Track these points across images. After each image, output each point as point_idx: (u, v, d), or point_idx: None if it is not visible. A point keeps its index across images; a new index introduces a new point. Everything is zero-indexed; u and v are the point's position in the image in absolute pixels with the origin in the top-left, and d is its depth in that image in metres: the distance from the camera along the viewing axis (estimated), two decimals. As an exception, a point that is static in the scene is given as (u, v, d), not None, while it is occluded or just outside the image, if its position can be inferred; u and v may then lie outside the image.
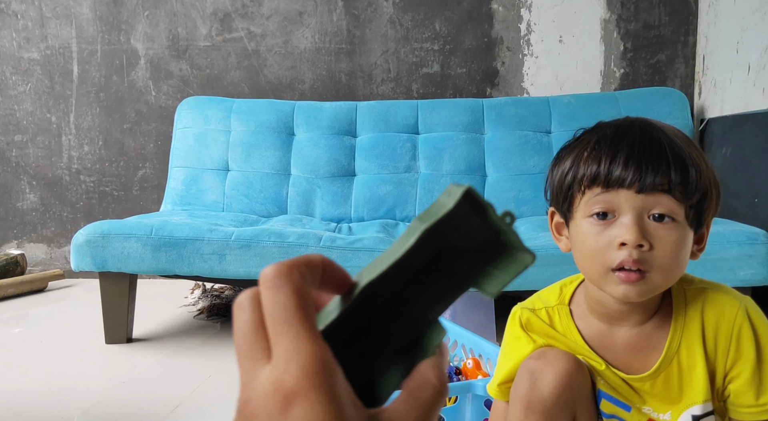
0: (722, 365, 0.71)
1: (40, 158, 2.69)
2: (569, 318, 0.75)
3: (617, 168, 0.65)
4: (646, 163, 0.64)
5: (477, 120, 2.25)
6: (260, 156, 2.25)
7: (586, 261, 0.69)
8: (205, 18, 2.60)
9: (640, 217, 0.65)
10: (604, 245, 0.66)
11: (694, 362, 0.71)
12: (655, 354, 0.72)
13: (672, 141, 0.67)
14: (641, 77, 2.47)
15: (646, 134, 0.67)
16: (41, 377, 1.53)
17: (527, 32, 2.50)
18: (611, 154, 0.66)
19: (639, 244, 0.64)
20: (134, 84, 2.63)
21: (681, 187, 0.65)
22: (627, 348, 0.72)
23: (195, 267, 1.69)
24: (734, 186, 1.95)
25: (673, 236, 0.65)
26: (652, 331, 0.72)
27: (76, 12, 2.63)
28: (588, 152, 0.69)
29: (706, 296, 0.72)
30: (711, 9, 2.28)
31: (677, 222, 0.65)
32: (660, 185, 0.64)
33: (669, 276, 0.66)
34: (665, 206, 0.65)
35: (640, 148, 0.66)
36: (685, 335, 0.71)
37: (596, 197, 0.67)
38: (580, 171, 0.68)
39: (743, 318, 0.70)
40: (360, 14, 2.55)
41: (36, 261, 2.72)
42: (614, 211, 0.66)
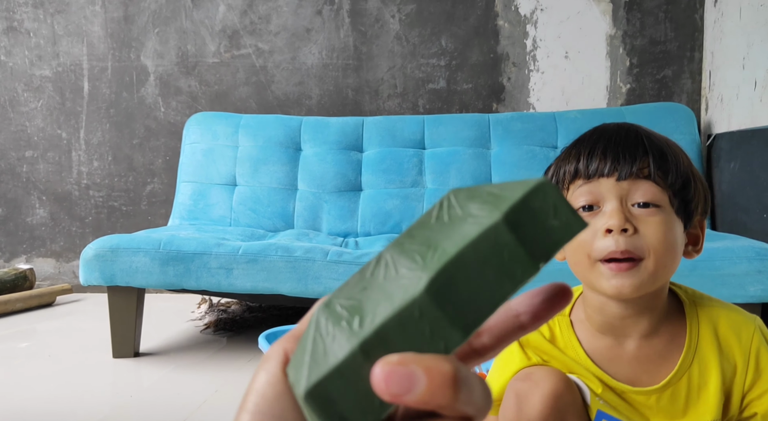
0: (740, 386, 0.69)
1: (51, 174, 2.71)
2: (570, 330, 0.73)
3: (595, 160, 0.67)
4: (623, 152, 0.66)
5: (483, 135, 2.26)
6: (267, 171, 2.27)
7: (575, 256, 0.68)
8: (214, 35, 2.63)
9: (623, 203, 0.66)
10: (590, 235, 0.66)
11: (706, 380, 0.69)
12: (666, 368, 0.70)
13: (649, 134, 0.69)
14: (647, 92, 2.47)
15: (623, 129, 0.69)
16: (49, 392, 1.53)
17: (533, 48, 2.52)
18: (589, 147, 0.68)
19: (624, 228, 0.64)
20: (144, 100, 2.66)
21: (660, 173, 0.65)
22: (635, 361, 0.71)
23: (202, 281, 1.69)
24: (743, 201, 1.94)
25: (657, 219, 0.65)
26: (663, 344, 0.70)
27: (87, 30, 2.67)
28: (568, 152, 0.71)
29: (719, 314, 0.71)
30: (716, 25, 2.29)
31: (661, 207, 0.65)
32: (639, 171, 0.65)
33: (661, 262, 0.65)
34: (647, 192, 0.65)
35: (616, 139, 0.68)
36: (699, 351, 0.69)
37: (579, 189, 0.68)
38: (562, 170, 0.70)
39: (760, 339, 0.69)
40: (367, 30, 2.58)
41: (44, 276, 2.73)
42: (598, 202, 0.67)
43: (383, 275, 0.24)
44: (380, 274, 0.24)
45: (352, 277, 0.26)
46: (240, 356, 1.81)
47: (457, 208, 0.24)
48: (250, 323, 2.20)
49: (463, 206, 0.24)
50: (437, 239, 0.23)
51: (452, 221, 0.24)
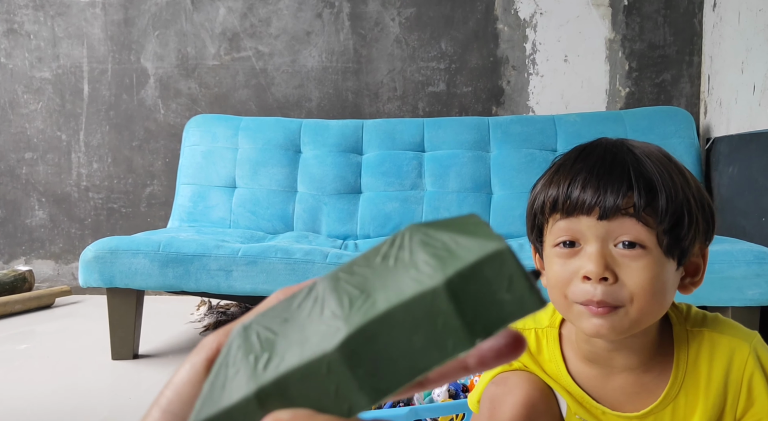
0: (731, 414, 0.66)
1: (50, 175, 2.71)
2: (556, 344, 0.70)
3: (575, 191, 0.60)
4: (605, 185, 0.59)
5: (483, 138, 2.27)
6: (267, 173, 2.27)
7: (553, 293, 0.63)
8: (214, 38, 2.64)
9: (604, 246, 0.59)
10: (568, 275, 0.61)
11: (691, 411, 0.66)
12: (650, 398, 0.66)
13: (639, 160, 0.61)
14: (646, 96, 2.48)
15: (609, 155, 0.62)
16: (47, 394, 1.53)
17: (533, 52, 2.52)
18: (570, 177, 0.61)
19: (603, 277, 0.58)
20: (144, 102, 2.67)
21: (649, 210, 0.58)
22: (620, 390, 0.67)
23: (202, 283, 1.69)
24: (741, 205, 1.95)
25: (642, 264, 0.58)
26: (650, 378, 0.66)
27: (87, 32, 2.67)
28: (550, 177, 0.64)
29: (713, 340, 0.66)
30: (715, 29, 2.30)
31: (648, 248, 0.59)
32: (623, 209, 0.58)
33: (645, 310, 0.59)
34: (632, 232, 0.59)
35: (600, 169, 0.60)
36: (686, 382, 0.66)
37: (558, 224, 0.62)
38: (541, 197, 0.64)
39: (754, 364, 0.65)
40: (367, 34, 2.58)
41: (43, 277, 2.73)
42: (579, 239, 0.61)
43: (309, 310, 0.22)
44: (306, 308, 0.22)
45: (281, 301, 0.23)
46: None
47: (406, 251, 0.22)
48: (249, 326, 2.19)
49: (413, 252, 0.22)
50: (374, 284, 0.21)
51: (396, 267, 0.22)
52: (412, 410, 0.94)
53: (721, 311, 1.53)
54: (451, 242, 0.21)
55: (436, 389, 1.14)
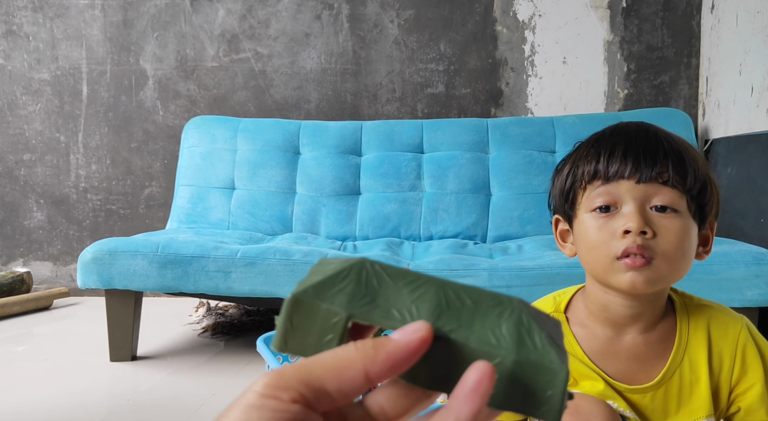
0: (727, 382, 0.71)
1: (48, 177, 2.71)
2: (566, 326, 0.74)
3: (615, 161, 0.67)
4: (644, 155, 0.66)
5: (482, 139, 2.27)
6: (266, 175, 2.27)
7: (591, 254, 0.69)
8: (213, 39, 2.64)
9: (642, 206, 0.66)
10: (608, 235, 0.67)
11: (697, 377, 0.70)
12: (659, 365, 0.71)
13: (669, 136, 0.69)
14: (645, 98, 2.48)
15: (642, 130, 0.69)
16: (45, 395, 1.52)
17: (531, 53, 2.53)
18: (609, 148, 0.68)
19: (642, 231, 0.64)
20: (142, 104, 2.67)
21: (679, 178, 0.66)
22: (632, 358, 0.72)
23: (200, 285, 1.69)
24: (740, 206, 1.95)
25: (676, 225, 0.65)
26: (657, 341, 0.72)
27: (86, 34, 2.67)
28: (587, 151, 0.71)
29: (710, 312, 0.73)
30: (713, 31, 2.31)
31: (679, 213, 0.66)
32: (659, 175, 0.66)
33: (675, 266, 0.66)
34: (666, 197, 0.66)
35: (636, 141, 0.67)
36: (689, 348, 0.71)
37: (597, 190, 0.68)
38: (580, 169, 0.70)
39: (747, 336, 0.72)
40: (365, 35, 2.59)
41: (42, 279, 2.73)
42: (616, 203, 0.67)
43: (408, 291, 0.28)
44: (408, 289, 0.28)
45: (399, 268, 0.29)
46: (238, 360, 1.81)
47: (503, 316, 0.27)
48: (248, 327, 2.19)
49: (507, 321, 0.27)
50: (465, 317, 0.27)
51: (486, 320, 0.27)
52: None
53: (720, 312, 1.54)
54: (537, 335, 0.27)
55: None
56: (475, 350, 0.26)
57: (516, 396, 0.26)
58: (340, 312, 0.27)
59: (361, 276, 0.28)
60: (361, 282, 0.28)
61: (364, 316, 0.27)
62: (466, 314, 0.27)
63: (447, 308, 0.27)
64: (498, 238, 2.14)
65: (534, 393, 0.26)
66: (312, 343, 0.27)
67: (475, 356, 0.26)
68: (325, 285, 0.28)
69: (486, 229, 2.17)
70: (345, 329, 0.27)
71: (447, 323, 0.27)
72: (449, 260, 1.66)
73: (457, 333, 0.26)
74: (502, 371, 0.26)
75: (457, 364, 0.26)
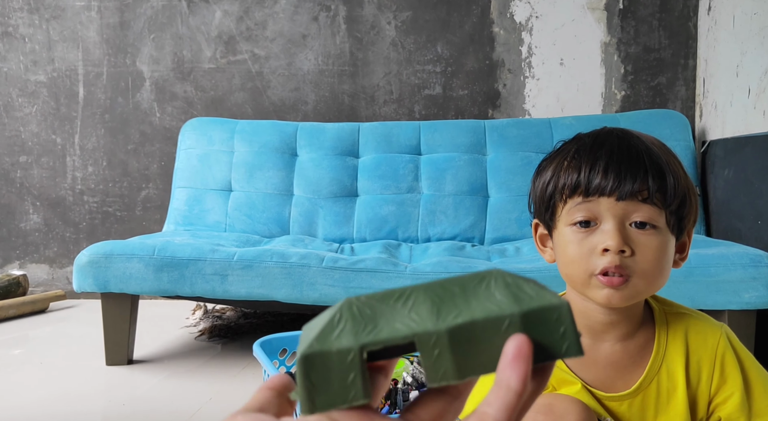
0: (705, 391, 0.71)
1: (45, 179, 2.70)
2: None
3: (597, 177, 0.67)
4: (625, 171, 0.66)
5: (479, 141, 2.26)
6: (263, 177, 2.26)
7: (569, 268, 0.69)
8: (210, 41, 2.63)
9: (621, 223, 0.66)
10: (587, 251, 0.67)
11: (674, 385, 0.70)
12: (637, 373, 0.72)
13: (649, 149, 0.68)
14: (642, 99, 2.48)
15: (624, 143, 0.69)
16: (41, 399, 1.52)
17: (528, 55, 2.53)
18: (590, 162, 0.68)
19: (621, 249, 0.65)
20: (139, 105, 2.66)
21: (659, 195, 0.66)
22: (609, 365, 0.72)
23: (197, 288, 1.69)
24: (737, 208, 1.95)
25: (654, 243, 0.66)
26: (635, 349, 0.72)
27: (83, 35, 2.67)
28: (568, 162, 0.70)
29: (688, 321, 0.73)
30: (710, 33, 2.31)
31: (658, 228, 0.66)
32: (639, 193, 0.66)
33: (652, 282, 0.67)
34: (645, 213, 0.66)
35: (618, 156, 0.67)
36: (666, 356, 0.71)
37: (577, 206, 0.68)
38: (561, 180, 0.70)
39: (726, 344, 0.71)
40: (363, 37, 2.58)
41: (38, 282, 2.72)
42: (596, 219, 0.67)
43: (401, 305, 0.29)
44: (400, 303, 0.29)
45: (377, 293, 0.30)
46: (235, 363, 1.80)
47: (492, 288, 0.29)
48: (245, 330, 2.19)
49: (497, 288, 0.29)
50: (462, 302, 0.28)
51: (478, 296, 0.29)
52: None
53: (717, 314, 1.53)
54: (526, 288, 0.29)
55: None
56: (484, 322, 0.27)
57: (540, 347, 0.27)
58: (352, 347, 0.27)
59: (353, 312, 0.29)
60: (356, 317, 0.29)
61: (375, 342, 0.27)
62: (460, 299, 0.28)
63: (441, 303, 0.28)
64: (496, 240, 2.13)
65: (551, 336, 0.27)
66: (337, 391, 0.27)
67: (485, 329, 0.27)
68: (326, 333, 0.28)
69: (484, 231, 2.16)
70: (363, 363, 0.27)
71: (449, 313, 0.28)
72: (447, 263, 1.66)
73: (462, 316, 0.27)
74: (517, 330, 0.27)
75: (474, 345, 0.27)
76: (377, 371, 0.30)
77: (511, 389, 0.26)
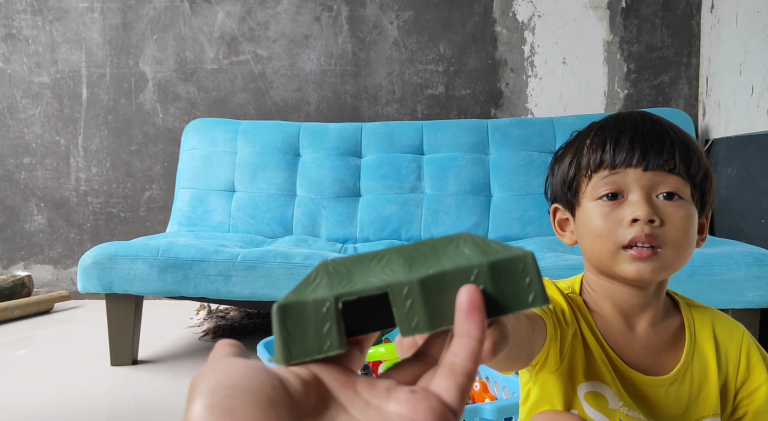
0: (732, 383, 0.71)
1: (48, 180, 2.71)
2: (585, 308, 0.73)
3: (622, 150, 0.66)
4: (651, 143, 0.66)
5: (482, 141, 2.26)
6: (266, 177, 2.27)
7: (596, 242, 0.68)
8: (213, 42, 2.63)
9: (649, 194, 0.66)
10: (614, 223, 0.66)
11: (705, 376, 0.70)
12: (672, 360, 0.71)
13: (672, 125, 0.69)
14: (645, 98, 2.48)
15: (647, 119, 0.69)
16: (46, 399, 1.52)
17: (531, 54, 2.52)
18: (615, 137, 0.68)
19: (650, 219, 0.64)
20: (142, 106, 2.67)
21: (684, 166, 0.66)
22: (644, 349, 0.71)
23: (201, 288, 1.69)
24: (740, 206, 1.95)
25: (682, 213, 0.66)
26: (667, 334, 0.72)
27: (86, 37, 2.67)
28: (591, 140, 0.70)
29: (713, 314, 0.74)
30: (713, 31, 2.30)
31: (684, 200, 0.66)
32: (665, 163, 0.66)
33: (680, 253, 0.66)
34: (672, 184, 0.66)
35: (643, 130, 0.67)
36: (697, 345, 0.71)
37: (603, 179, 0.67)
38: (584, 159, 0.69)
39: (750, 339, 0.72)
40: (365, 37, 2.58)
41: (42, 282, 2.73)
42: (622, 191, 0.67)
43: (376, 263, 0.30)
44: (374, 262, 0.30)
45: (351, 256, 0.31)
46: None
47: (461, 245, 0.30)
48: (249, 330, 2.19)
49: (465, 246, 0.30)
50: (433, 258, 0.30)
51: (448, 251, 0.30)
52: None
53: (721, 313, 1.53)
54: (493, 245, 0.30)
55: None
56: (454, 273, 0.28)
57: (506, 298, 0.28)
58: (327, 297, 0.28)
59: (329, 271, 0.30)
60: (332, 274, 0.30)
61: (350, 292, 0.28)
62: (431, 256, 0.30)
63: (413, 260, 0.29)
64: (498, 239, 2.13)
65: (517, 287, 0.28)
66: (313, 340, 0.28)
67: (455, 279, 0.28)
68: (302, 287, 0.29)
69: (486, 230, 2.16)
70: (338, 314, 0.28)
71: (420, 266, 0.29)
72: (450, 263, 1.65)
73: (433, 268, 0.28)
74: (485, 281, 0.28)
75: (445, 295, 0.28)
76: (353, 344, 0.30)
77: (473, 338, 0.27)
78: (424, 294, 0.28)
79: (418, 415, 0.25)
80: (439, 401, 0.26)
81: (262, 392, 0.24)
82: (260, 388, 0.24)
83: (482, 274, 0.28)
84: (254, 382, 0.25)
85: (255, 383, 0.25)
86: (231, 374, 0.25)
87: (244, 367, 0.25)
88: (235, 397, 0.24)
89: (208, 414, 0.23)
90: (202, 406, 0.24)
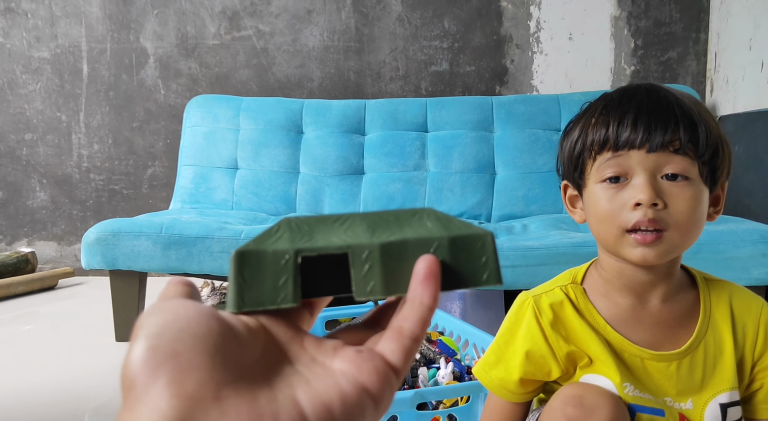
0: (750, 356, 0.71)
1: (50, 157, 2.70)
2: (585, 297, 0.73)
3: (625, 130, 0.65)
4: (655, 123, 0.64)
5: (486, 118, 2.24)
6: (269, 154, 2.25)
7: (601, 225, 0.68)
8: (214, 16, 2.60)
9: (653, 176, 0.64)
10: (618, 207, 0.65)
11: (721, 349, 0.70)
12: (685, 334, 0.71)
13: (679, 100, 0.66)
14: (652, 74, 2.45)
15: (653, 95, 0.67)
16: (51, 375, 1.53)
17: (537, 30, 2.49)
18: (618, 116, 0.66)
19: (653, 202, 0.63)
20: (143, 83, 2.64)
21: (691, 146, 0.64)
22: (656, 325, 0.71)
23: (204, 265, 1.69)
24: (747, 184, 1.93)
25: (687, 194, 0.64)
26: (680, 309, 0.71)
27: (85, 11, 2.64)
28: (596, 118, 0.68)
29: (731, 288, 0.73)
30: (723, 6, 2.26)
31: (691, 180, 0.65)
32: (670, 144, 0.64)
33: (687, 235, 0.65)
34: (677, 165, 0.64)
35: (647, 108, 0.65)
36: (713, 319, 0.71)
37: (607, 162, 0.66)
38: (589, 137, 0.68)
39: None
40: (369, 12, 2.55)
41: (46, 259, 2.73)
42: (626, 174, 0.66)
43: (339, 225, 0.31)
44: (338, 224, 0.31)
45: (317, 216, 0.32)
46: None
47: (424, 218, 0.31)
48: (253, 307, 2.20)
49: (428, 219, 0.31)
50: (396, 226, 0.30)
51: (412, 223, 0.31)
52: (417, 393, 0.94)
53: (726, 291, 1.53)
54: (455, 221, 0.31)
55: (440, 371, 1.14)
56: (415, 242, 0.29)
57: (461, 273, 0.29)
58: (287, 250, 0.28)
59: (291, 226, 0.30)
60: (294, 230, 0.30)
61: (310, 248, 0.28)
62: (394, 225, 0.30)
63: (376, 226, 0.30)
64: (503, 217, 2.13)
65: (473, 264, 0.29)
66: (268, 291, 0.28)
67: (415, 249, 0.29)
68: (263, 238, 0.29)
69: (491, 208, 2.16)
70: (297, 268, 0.28)
71: (383, 233, 0.29)
72: (454, 240, 1.65)
73: (395, 236, 0.29)
74: (443, 254, 0.29)
75: (403, 263, 0.28)
76: (305, 306, 0.30)
77: (424, 305, 0.28)
78: (384, 259, 0.28)
79: (362, 374, 0.26)
80: (383, 361, 0.27)
81: (209, 339, 0.24)
82: (208, 334, 0.24)
83: (442, 247, 0.29)
84: (203, 327, 0.24)
85: (204, 329, 0.24)
86: (179, 317, 0.24)
87: (194, 310, 0.25)
88: (181, 341, 0.23)
89: (151, 357, 0.23)
90: (145, 348, 0.23)
